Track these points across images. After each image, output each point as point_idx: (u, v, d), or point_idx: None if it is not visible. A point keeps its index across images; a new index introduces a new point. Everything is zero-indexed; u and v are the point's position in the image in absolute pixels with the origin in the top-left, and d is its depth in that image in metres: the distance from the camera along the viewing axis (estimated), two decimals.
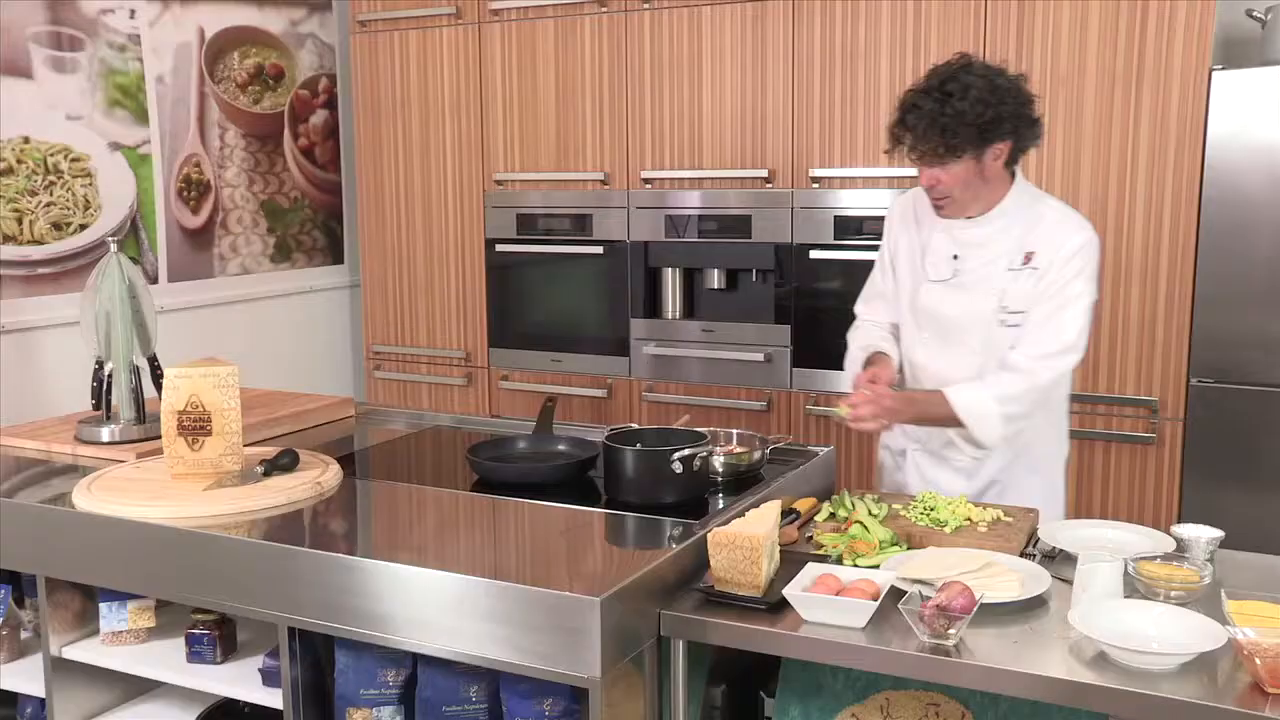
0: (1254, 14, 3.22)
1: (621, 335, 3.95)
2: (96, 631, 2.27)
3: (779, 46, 3.57)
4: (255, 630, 2.25)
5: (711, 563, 1.84)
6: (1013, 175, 2.34)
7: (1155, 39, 3.11)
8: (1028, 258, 2.31)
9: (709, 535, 1.83)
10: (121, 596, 2.24)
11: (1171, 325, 3.18)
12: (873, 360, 2.47)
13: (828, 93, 3.52)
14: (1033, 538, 2.09)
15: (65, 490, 2.25)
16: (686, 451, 2.12)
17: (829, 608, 1.72)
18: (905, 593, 1.74)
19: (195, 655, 2.17)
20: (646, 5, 3.75)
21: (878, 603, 1.71)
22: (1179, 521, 3.22)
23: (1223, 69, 3.08)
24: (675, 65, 3.73)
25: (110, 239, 2.61)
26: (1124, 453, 3.27)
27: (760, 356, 3.72)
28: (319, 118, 4.48)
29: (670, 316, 3.93)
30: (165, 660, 2.19)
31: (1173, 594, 1.77)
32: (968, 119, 2.15)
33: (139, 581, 2.12)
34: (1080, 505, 3.32)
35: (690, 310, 3.96)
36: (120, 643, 2.25)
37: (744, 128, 3.66)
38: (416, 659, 1.95)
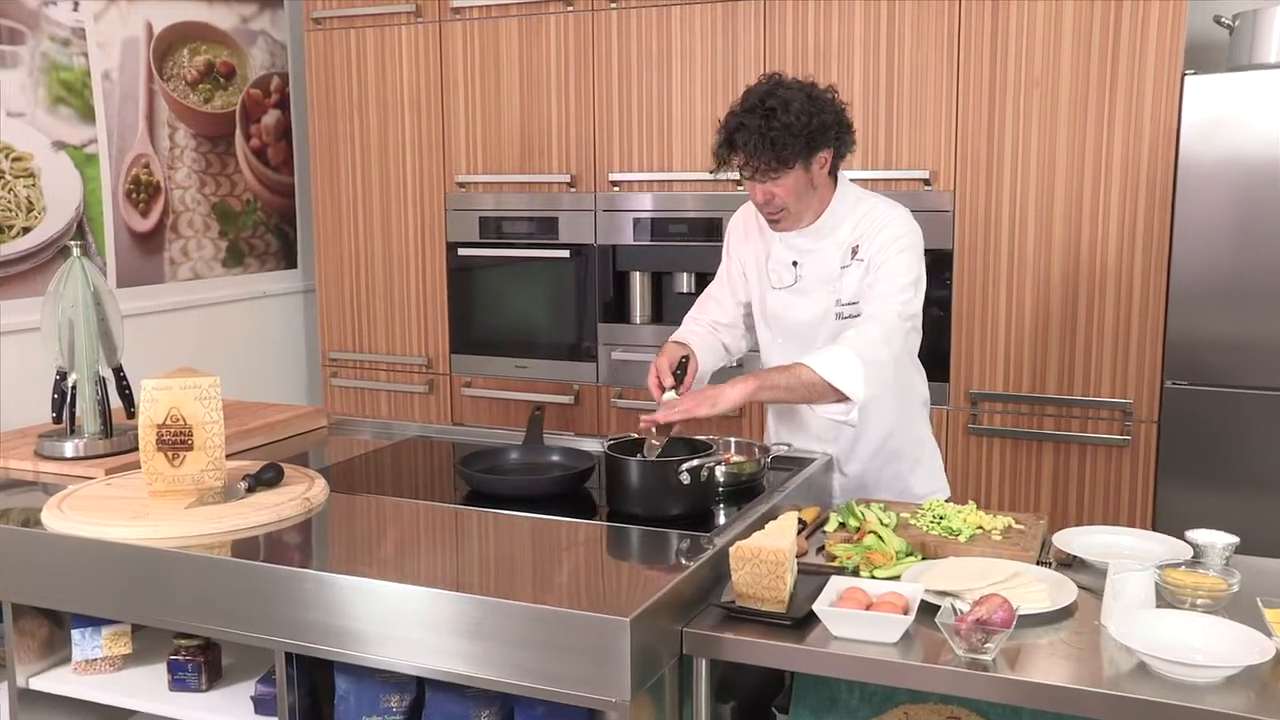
0: (1221, 20, 3.26)
1: (588, 340, 3.89)
2: (67, 660, 2.15)
3: (750, 47, 3.53)
4: (241, 655, 2.14)
5: (734, 578, 1.78)
6: (835, 180, 2.42)
7: (1129, 43, 3.13)
8: (854, 251, 2.39)
9: (732, 550, 1.77)
10: (95, 622, 2.12)
11: (1145, 328, 3.20)
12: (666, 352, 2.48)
13: None
14: (1045, 544, 2.07)
15: (27, 509, 2.13)
16: (695, 462, 2.06)
17: (861, 623, 1.68)
18: (933, 606, 1.70)
19: (179, 683, 2.05)
20: (614, 4, 3.68)
21: (912, 617, 1.67)
22: (1154, 524, 3.26)
23: (1194, 74, 3.11)
24: (644, 65, 3.68)
25: (73, 243, 2.47)
26: (1099, 455, 3.29)
27: (730, 362, 3.66)
28: (271, 117, 4.34)
29: (638, 321, 3.87)
30: (145, 689, 2.08)
31: (1199, 602, 1.75)
32: (794, 130, 2.22)
33: (118, 606, 2.00)
34: (1056, 508, 3.33)
35: (659, 314, 3.90)
36: (94, 671, 2.12)
37: (714, 129, 3.59)
38: (422, 682, 1.86)
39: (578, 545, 1.97)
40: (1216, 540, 1.93)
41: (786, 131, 2.22)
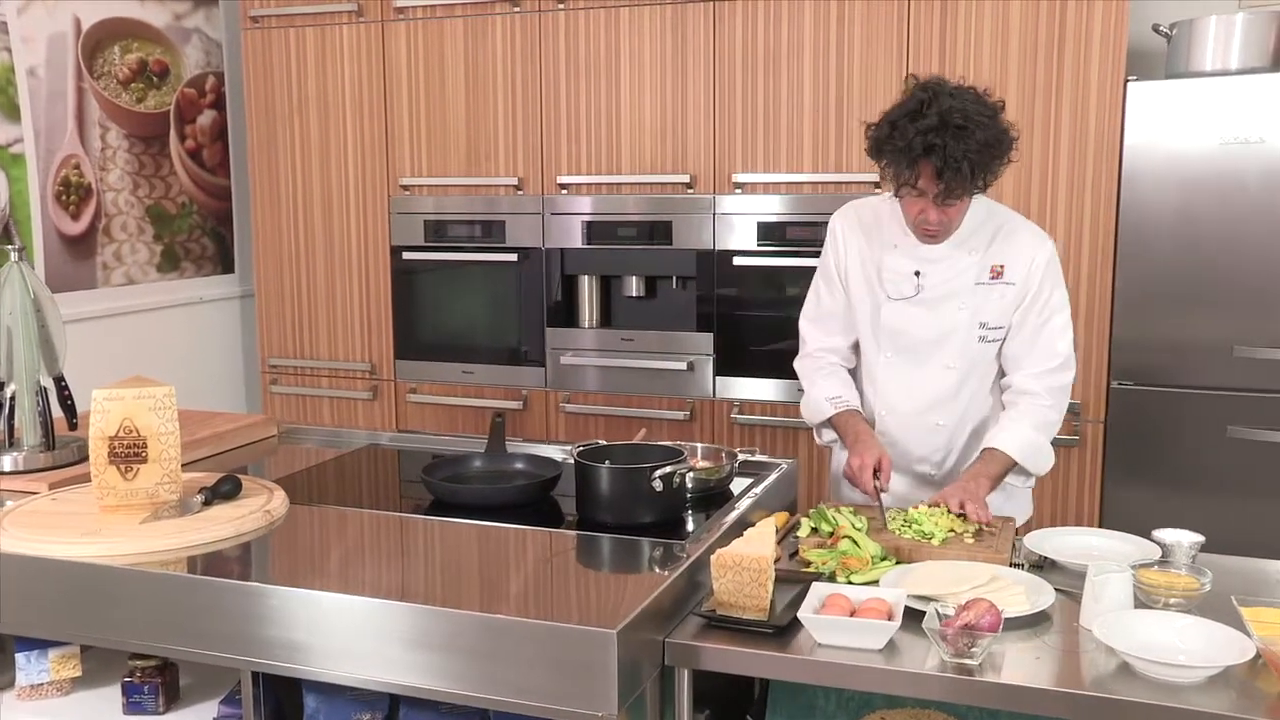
0: (1160, 29, 3.32)
1: (537, 345, 3.84)
2: (10, 685, 2.06)
3: (699, 49, 3.52)
4: (199, 675, 2.07)
5: (715, 586, 1.76)
6: None
7: (1073, 49, 3.18)
8: (997, 272, 2.29)
9: (713, 558, 1.75)
10: (40, 645, 2.03)
11: (1093, 329, 3.25)
12: (849, 424, 2.34)
13: (750, 96, 3.49)
14: (1014, 546, 2.08)
15: None
16: (668, 469, 2.03)
17: (846, 630, 1.67)
18: (912, 610, 1.70)
19: (134, 706, 1.98)
20: (561, 6, 3.65)
21: (897, 623, 1.66)
22: (1101, 522, 3.31)
23: (1137, 80, 3.17)
24: (592, 67, 3.64)
25: (10, 247, 2.36)
26: None
27: (682, 365, 3.66)
28: (207, 118, 4.22)
29: (588, 325, 3.83)
30: (97, 713, 2.00)
31: (1172, 601, 1.77)
32: (994, 151, 2.07)
33: (68, 627, 1.91)
34: None
35: (607, 318, 3.87)
36: (40, 696, 2.04)
37: (664, 132, 3.59)
38: (395, 698, 1.81)
39: (552, 556, 1.93)
40: (1183, 539, 1.96)
41: (986, 153, 2.05)
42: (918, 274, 2.32)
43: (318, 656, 1.72)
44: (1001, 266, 2.29)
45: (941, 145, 2.03)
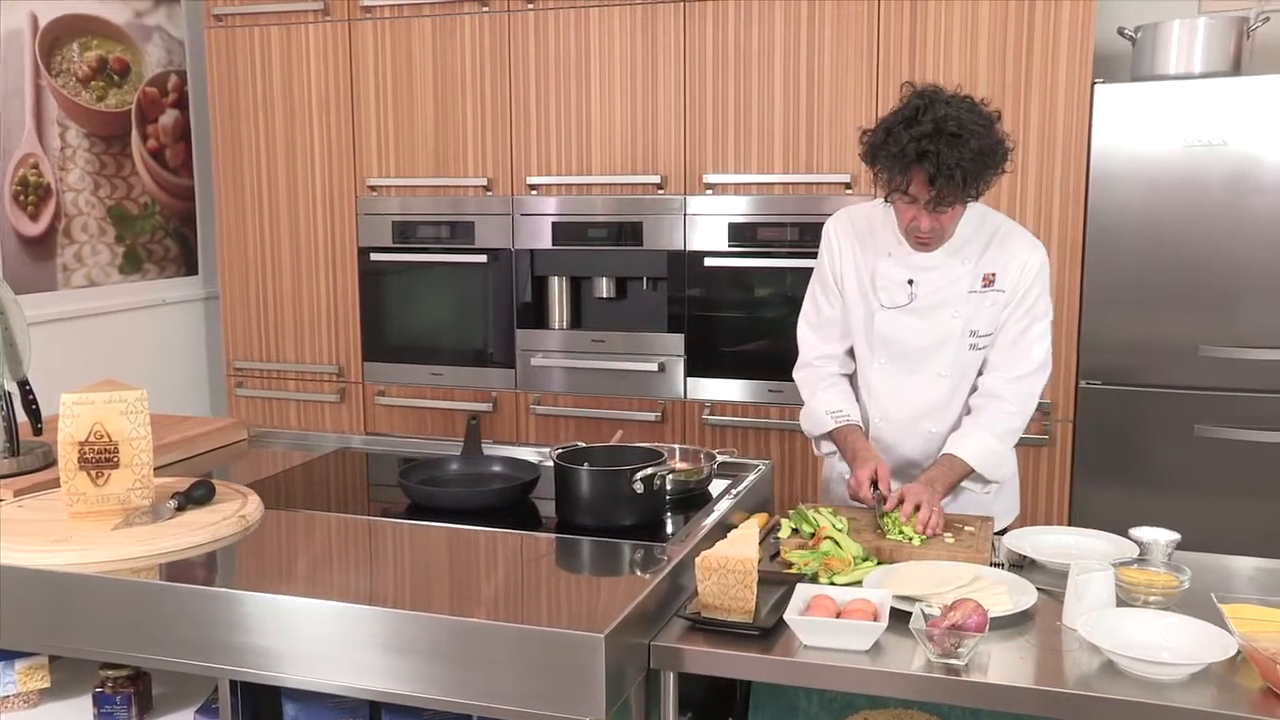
0: (1125, 32, 3.36)
1: (506, 347, 3.82)
2: None
3: (670, 49, 3.52)
4: (172, 684, 2.03)
5: (700, 588, 1.75)
6: None
7: (1041, 51, 3.20)
8: (989, 280, 2.29)
9: (698, 560, 1.74)
10: (6, 655, 1.98)
11: (1061, 329, 3.27)
12: (848, 439, 2.34)
13: (720, 97, 3.49)
14: (993, 546, 2.09)
15: None
16: (650, 470, 2.02)
17: (832, 631, 1.66)
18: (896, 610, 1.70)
19: (106, 717, 1.94)
20: (530, 6, 3.63)
21: (884, 624, 1.66)
22: (1069, 520, 3.34)
23: (1104, 82, 3.20)
24: (562, 67, 3.63)
25: None
26: (1021, 455, 3.34)
27: (653, 366, 3.65)
28: (169, 118, 4.15)
29: (558, 327, 3.82)
30: None
31: (1151, 599, 1.79)
32: (989, 160, 2.06)
33: (37, 638, 1.87)
34: None
35: (577, 320, 3.86)
36: (8, 709, 1.99)
37: (635, 132, 3.58)
38: (375, 705, 1.79)
39: (535, 559, 1.92)
40: (1159, 537, 1.98)
41: (979, 161, 2.04)
42: (911, 282, 2.31)
43: (297, 664, 1.69)
44: (994, 275, 2.29)
45: (935, 152, 2.02)
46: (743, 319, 3.59)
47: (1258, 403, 3.16)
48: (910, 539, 2.04)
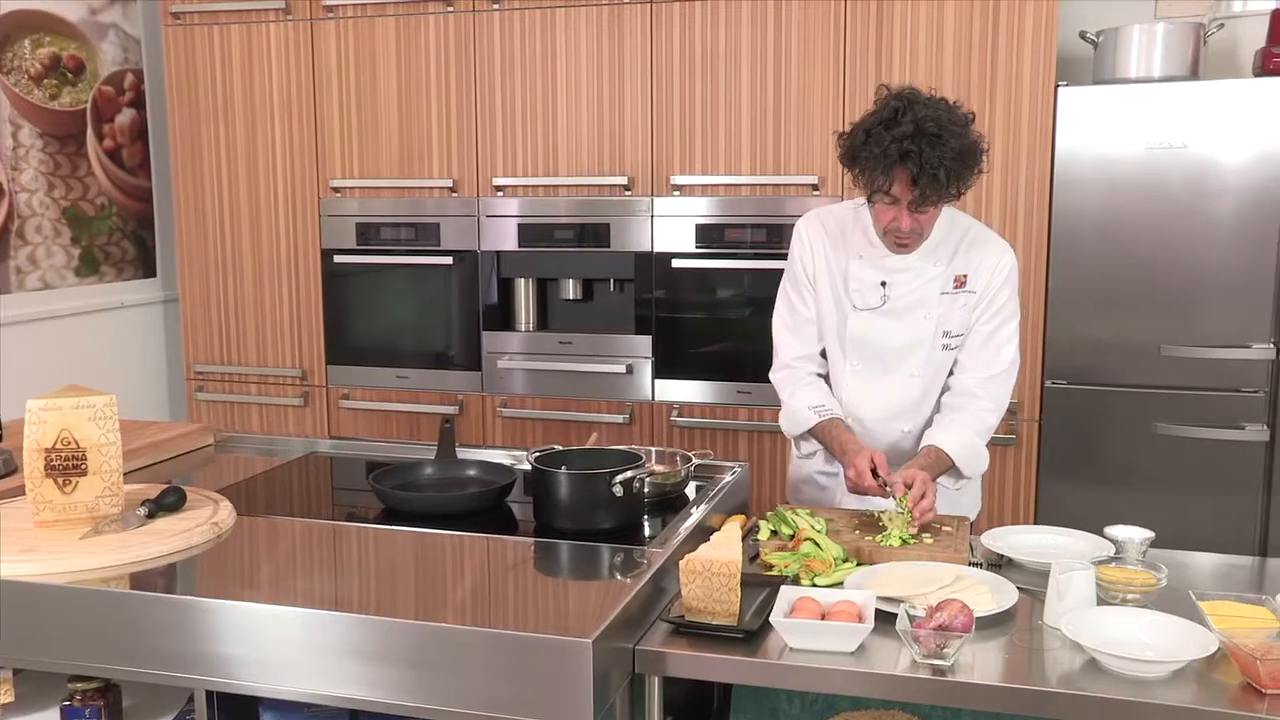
0: (1086, 36, 3.40)
1: (472, 349, 3.79)
2: None
3: (637, 50, 3.51)
4: (142, 695, 1.99)
5: (684, 592, 1.74)
6: None
7: (1005, 53, 3.23)
8: (960, 282, 2.30)
9: (682, 563, 1.73)
10: None
11: (1027, 329, 3.29)
12: (833, 433, 2.32)
13: (688, 98, 3.48)
14: (970, 545, 2.10)
15: None
16: (629, 473, 2.01)
17: (818, 634, 1.66)
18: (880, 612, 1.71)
19: None
20: (496, 6, 3.60)
21: (870, 626, 1.66)
22: (1035, 519, 3.38)
23: (1067, 85, 3.24)
24: (528, 68, 3.61)
25: None
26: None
27: (621, 368, 3.64)
28: (126, 117, 4.08)
29: (524, 329, 3.79)
30: None
31: (1129, 597, 1.81)
32: (968, 161, 2.08)
33: (2, 650, 1.81)
34: None
35: (544, 322, 3.84)
36: None
37: (601, 134, 3.57)
38: (356, 714, 1.76)
39: (516, 564, 1.90)
40: (1134, 535, 2.00)
41: (960, 161, 2.05)
42: (884, 284, 2.32)
43: (275, 672, 1.66)
44: (965, 276, 2.31)
45: (918, 152, 2.03)
46: (710, 320, 3.59)
47: (1216, 401, 3.21)
48: (906, 542, 2.03)
